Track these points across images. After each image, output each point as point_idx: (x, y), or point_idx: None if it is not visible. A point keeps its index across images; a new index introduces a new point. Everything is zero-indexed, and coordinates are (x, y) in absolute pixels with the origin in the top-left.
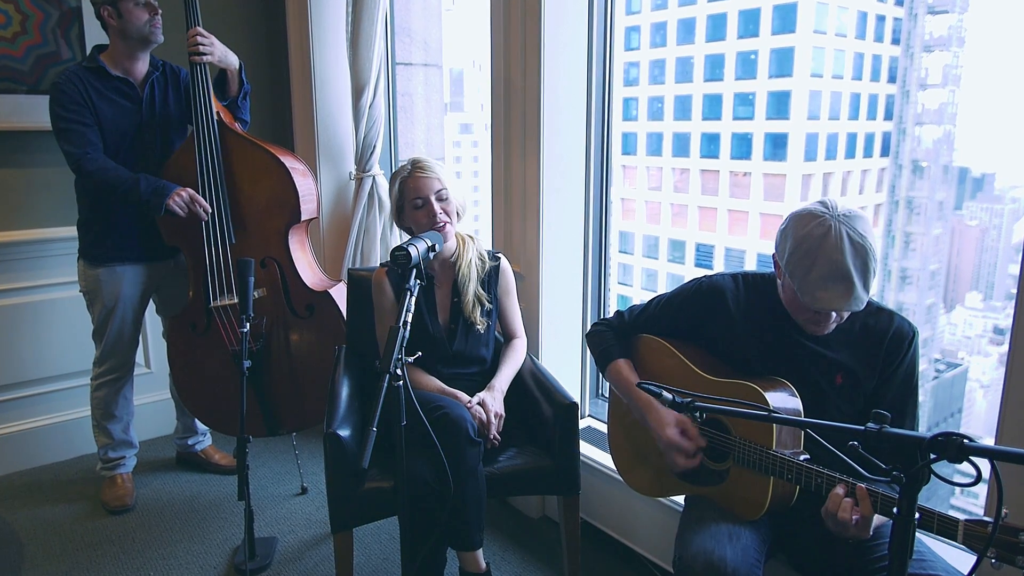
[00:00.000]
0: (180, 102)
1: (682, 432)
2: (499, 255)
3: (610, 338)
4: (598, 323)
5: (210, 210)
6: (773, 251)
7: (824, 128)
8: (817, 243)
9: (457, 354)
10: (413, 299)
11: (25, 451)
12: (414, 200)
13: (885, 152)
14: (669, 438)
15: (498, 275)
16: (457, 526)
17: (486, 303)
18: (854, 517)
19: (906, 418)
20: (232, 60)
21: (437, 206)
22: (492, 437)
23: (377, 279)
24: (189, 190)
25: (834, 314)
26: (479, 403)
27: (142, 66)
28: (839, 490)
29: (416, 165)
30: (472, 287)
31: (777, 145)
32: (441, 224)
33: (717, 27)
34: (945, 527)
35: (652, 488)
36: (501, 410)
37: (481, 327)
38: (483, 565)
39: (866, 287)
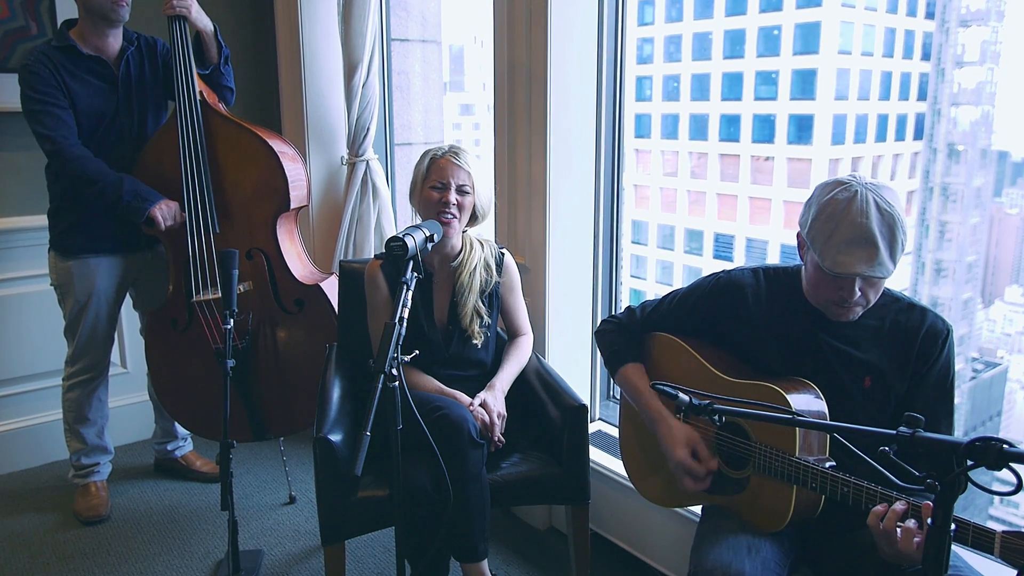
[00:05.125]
0: (158, 76)
1: (693, 453)
2: (504, 250)
3: (621, 338)
4: (607, 320)
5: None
6: (798, 229)
7: (852, 109)
8: (842, 207)
9: (454, 357)
10: (410, 293)
11: None
12: (436, 180)
13: (918, 135)
14: (679, 459)
15: (501, 277)
16: (459, 535)
17: (485, 317)
18: (915, 539)
19: (940, 424)
20: (207, 21)
21: (453, 196)
22: (496, 439)
23: (370, 272)
24: (175, 205)
25: (858, 291)
26: (480, 404)
27: (114, 42)
28: (888, 513)
29: (453, 149)
30: (472, 300)
31: (802, 127)
32: (448, 218)
33: (738, 0)
34: (981, 539)
35: (666, 497)
36: (503, 410)
37: (479, 340)
38: None
39: (892, 256)
